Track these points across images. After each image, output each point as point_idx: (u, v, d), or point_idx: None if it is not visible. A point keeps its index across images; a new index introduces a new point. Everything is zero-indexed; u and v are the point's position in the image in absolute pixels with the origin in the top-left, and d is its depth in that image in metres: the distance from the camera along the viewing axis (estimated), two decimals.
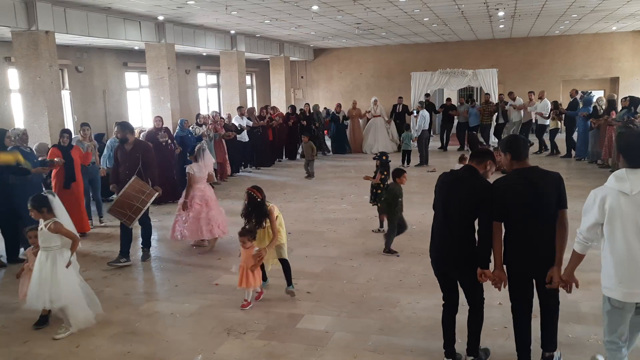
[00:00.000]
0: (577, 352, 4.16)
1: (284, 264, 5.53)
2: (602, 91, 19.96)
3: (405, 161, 13.85)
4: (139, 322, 4.99)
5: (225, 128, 12.74)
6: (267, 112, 15.21)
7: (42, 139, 9.29)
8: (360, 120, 17.13)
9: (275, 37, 18.06)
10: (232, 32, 15.92)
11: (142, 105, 16.78)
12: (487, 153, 3.99)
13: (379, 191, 7.76)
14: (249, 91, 21.49)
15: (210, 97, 20.83)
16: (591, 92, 19.84)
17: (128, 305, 5.40)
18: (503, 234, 3.72)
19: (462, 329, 4.59)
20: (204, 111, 18.79)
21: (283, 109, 18.65)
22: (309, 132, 14.60)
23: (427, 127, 14.43)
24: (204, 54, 18.23)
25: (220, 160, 12.21)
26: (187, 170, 7.15)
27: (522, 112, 15.69)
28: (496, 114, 16.23)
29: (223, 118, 13.31)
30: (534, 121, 15.81)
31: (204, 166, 7.22)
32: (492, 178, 3.90)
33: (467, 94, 20.66)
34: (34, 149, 7.87)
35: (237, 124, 13.42)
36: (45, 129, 9.58)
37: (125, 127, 6.77)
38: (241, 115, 13.82)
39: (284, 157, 16.15)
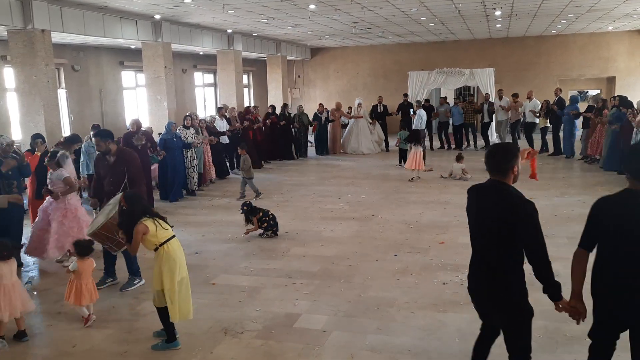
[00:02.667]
0: (575, 351, 4.16)
1: (160, 313, 4.46)
2: (599, 90, 20.04)
3: (402, 161, 13.82)
4: (135, 322, 4.97)
5: (208, 131, 12.07)
6: (249, 113, 14.38)
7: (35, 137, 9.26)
8: (350, 121, 16.88)
9: (272, 36, 18.04)
10: (229, 31, 15.90)
11: (138, 105, 16.74)
12: (505, 158, 3.07)
13: (266, 224, 7.60)
14: (245, 90, 21.47)
15: (207, 96, 20.80)
16: (587, 92, 19.96)
17: (124, 305, 5.38)
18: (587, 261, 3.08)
19: (460, 330, 4.60)
20: (200, 110, 18.81)
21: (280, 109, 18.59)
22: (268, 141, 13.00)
23: (424, 127, 14.43)
24: (201, 53, 18.21)
25: (204, 165, 11.67)
26: (64, 176, 6.44)
27: (509, 111, 15.80)
28: (480, 113, 16.36)
29: (205, 121, 12.52)
30: (522, 120, 15.95)
31: (68, 173, 6.71)
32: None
33: (457, 93, 20.62)
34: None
35: (217, 126, 12.71)
36: (42, 128, 9.54)
37: (106, 137, 5.80)
38: (221, 116, 13.12)
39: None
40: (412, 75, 18.22)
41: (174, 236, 4.43)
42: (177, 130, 10.60)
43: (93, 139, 5.81)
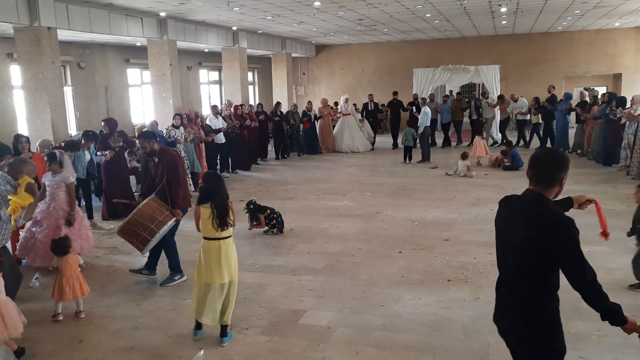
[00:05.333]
0: (580, 348, 4.16)
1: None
2: (605, 87, 19.93)
3: (407, 158, 13.83)
4: (141, 317, 5.00)
5: (203, 129, 11.54)
6: (242, 110, 13.64)
7: (44, 135, 9.32)
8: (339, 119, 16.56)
9: (277, 33, 18.05)
10: (234, 28, 15.92)
11: (144, 102, 16.79)
12: (554, 167, 2.58)
13: (274, 221, 7.65)
14: (250, 88, 21.48)
15: (212, 93, 20.85)
16: (593, 89, 19.91)
17: (130, 301, 5.41)
18: None
19: (465, 326, 4.62)
20: (205, 108, 18.82)
21: (285, 106, 18.54)
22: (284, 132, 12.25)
23: (429, 124, 14.41)
24: (206, 50, 18.24)
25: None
26: (70, 181, 6.22)
27: (496, 109, 16.10)
28: (468, 110, 16.46)
29: (202, 116, 11.96)
30: (511, 118, 16.27)
31: (73, 177, 6.42)
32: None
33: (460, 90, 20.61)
34: (37, 145, 7.83)
35: (211, 125, 12.06)
36: (48, 125, 9.60)
37: (149, 137, 5.73)
38: (216, 114, 12.42)
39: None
40: (417, 72, 18.19)
41: (216, 239, 4.36)
42: (164, 130, 10.30)
43: (137, 140, 5.72)
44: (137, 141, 6.03)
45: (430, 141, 14.52)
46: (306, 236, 7.55)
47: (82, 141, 8.60)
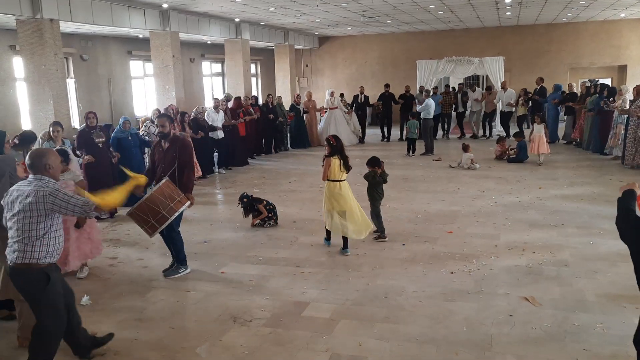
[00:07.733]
0: (582, 340, 4.16)
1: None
2: (610, 79, 19.82)
3: (411, 150, 13.81)
4: (145, 309, 5.02)
5: (195, 124, 11.11)
6: (243, 104, 13.34)
7: (47, 127, 9.30)
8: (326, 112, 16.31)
9: (280, 25, 17.98)
10: (237, 20, 15.86)
11: (147, 94, 16.78)
12: None
13: (271, 213, 7.77)
14: (253, 79, 21.44)
15: (215, 85, 20.81)
16: (598, 80, 19.86)
17: (134, 293, 5.43)
18: None
19: (468, 318, 4.62)
20: (208, 100, 18.80)
21: (288, 99, 18.50)
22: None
23: (431, 116, 14.37)
24: (209, 42, 18.19)
25: None
26: (80, 179, 5.91)
27: (483, 102, 16.21)
28: (454, 104, 16.62)
29: (187, 114, 11.20)
30: (498, 110, 16.40)
31: (79, 174, 6.21)
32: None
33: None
34: (39, 137, 7.82)
35: (208, 120, 11.68)
36: (51, 117, 9.58)
37: (171, 119, 5.73)
38: (215, 107, 12.00)
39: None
40: (421, 63, 18.11)
41: (337, 181, 6.32)
42: (143, 127, 9.90)
43: (157, 120, 5.72)
44: (155, 120, 6.30)
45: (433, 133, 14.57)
46: (309, 228, 7.55)
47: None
